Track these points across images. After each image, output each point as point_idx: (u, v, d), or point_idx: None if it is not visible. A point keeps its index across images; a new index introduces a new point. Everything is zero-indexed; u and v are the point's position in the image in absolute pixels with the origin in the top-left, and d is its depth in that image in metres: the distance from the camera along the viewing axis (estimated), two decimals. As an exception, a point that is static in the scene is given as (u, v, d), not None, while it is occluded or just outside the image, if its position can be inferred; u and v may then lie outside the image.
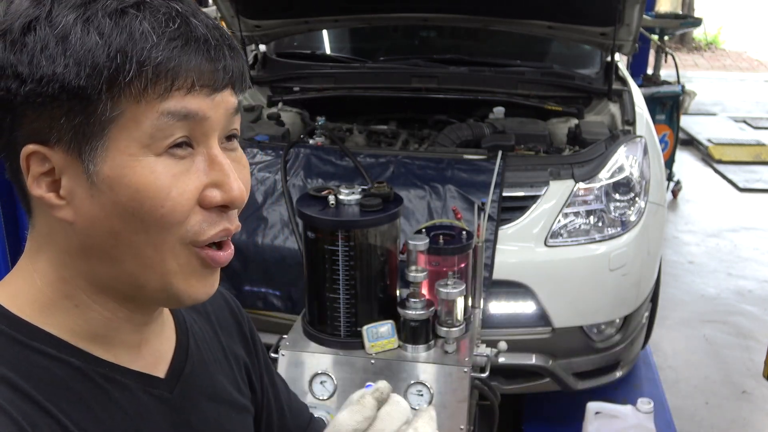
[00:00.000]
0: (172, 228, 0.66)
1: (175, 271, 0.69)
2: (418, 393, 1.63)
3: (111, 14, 0.63)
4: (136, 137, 0.64)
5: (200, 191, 0.67)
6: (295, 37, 3.89)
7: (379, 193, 1.68)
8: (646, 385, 3.08)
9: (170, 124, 0.64)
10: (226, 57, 0.67)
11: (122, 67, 0.62)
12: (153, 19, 0.63)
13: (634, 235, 2.53)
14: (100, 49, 0.62)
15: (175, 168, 0.66)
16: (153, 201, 0.65)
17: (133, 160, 0.64)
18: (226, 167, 0.68)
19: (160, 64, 0.63)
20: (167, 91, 0.64)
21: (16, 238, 2.95)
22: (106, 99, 0.63)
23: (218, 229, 0.69)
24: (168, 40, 0.63)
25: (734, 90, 10.06)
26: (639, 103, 3.19)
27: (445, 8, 3.34)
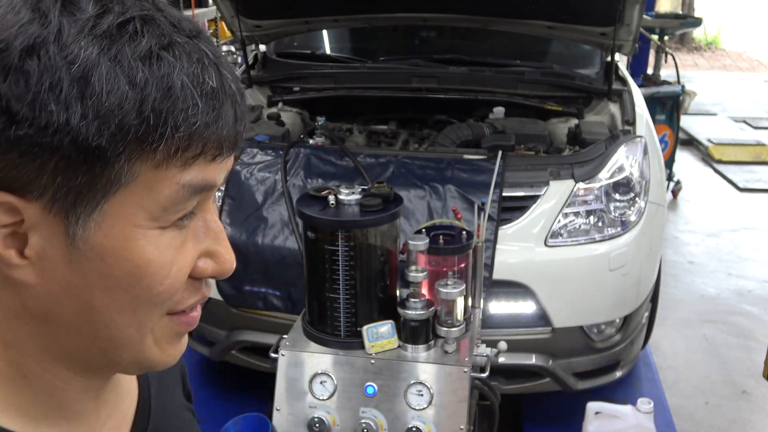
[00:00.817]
0: (162, 304, 0.58)
1: (151, 345, 0.60)
2: (418, 393, 1.63)
3: (144, 57, 0.50)
4: (146, 207, 0.53)
5: (195, 260, 0.58)
6: (295, 37, 3.89)
7: (379, 193, 1.68)
8: (646, 385, 3.08)
9: (187, 196, 0.55)
10: (245, 114, 0.58)
11: (154, 131, 0.51)
12: (189, 69, 0.52)
13: (634, 235, 2.53)
14: (130, 105, 0.49)
15: (178, 240, 0.56)
16: (153, 279, 0.55)
17: (136, 232, 0.54)
18: (221, 234, 0.60)
19: (196, 131, 0.52)
20: (195, 159, 0.54)
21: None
22: (123, 163, 0.51)
23: (197, 297, 0.61)
24: (207, 100, 0.52)
25: (734, 90, 10.06)
26: (639, 103, 3.19)
27: (445, 8, 3.34)
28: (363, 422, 1.64)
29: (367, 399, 1.65)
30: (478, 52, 3.75)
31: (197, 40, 0.54)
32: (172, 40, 0.52)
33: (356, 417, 1.65)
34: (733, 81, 10.75)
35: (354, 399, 1.66)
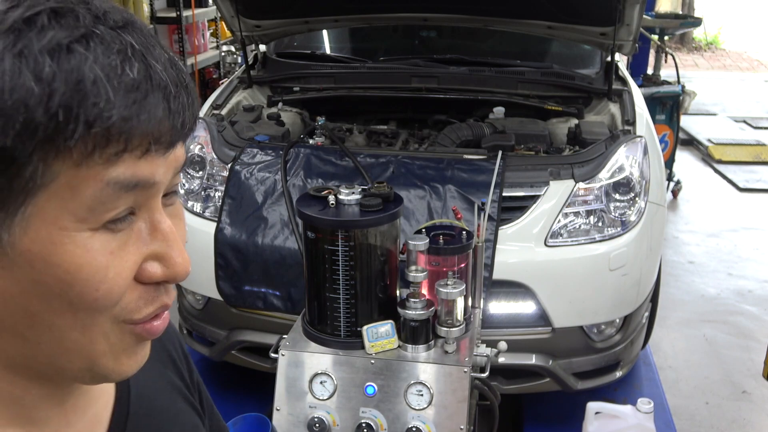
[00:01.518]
0: (105, 310, 0.54)
1: (104, 351, 0.57)
2: (418, 393, 1.63)
3: (52, 50, 0.47)
4: (70, 209, 0.50)
5: (139, 264, 0.55)
6: (295, 37, 3.89)
7: (379, 193, 1.68)
8: (646, 385, 3.08)
9: (115, 195, 0.51)
10: (185, 106, 0.54)
11: (65, 128, 0.47)
12: (106, 61, 0.49)
13: (634, 235, 2.53)
14: (36, 101, 0.47)
15: (113, 243, 0.53)
16: (86, 284, 0.52)
17: (63, 236, 0.51)
18: (171, 236, 0.56)
19: (113, 125, 0.49)
20: (119, 156, 0.50)
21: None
22: (37, 162, 0.48)
23: (156, 306, 0.58)
24: (125, 92, 0.49)
25: (734, 90, 10.06)
26: (639, 103, 3.19)
27: (445, 8, 3.34)
28: (363, 422, 1.64)
29: (367, 399, 1.65)
30: (478, 52, 3.75)
31: (123, 30, 0.51)
32: (89, 32, 0.49)
33: (356, 417, 1.65)
34: (733, 81, 10.75)
35: (354, 399, 1.66)
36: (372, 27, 3.82)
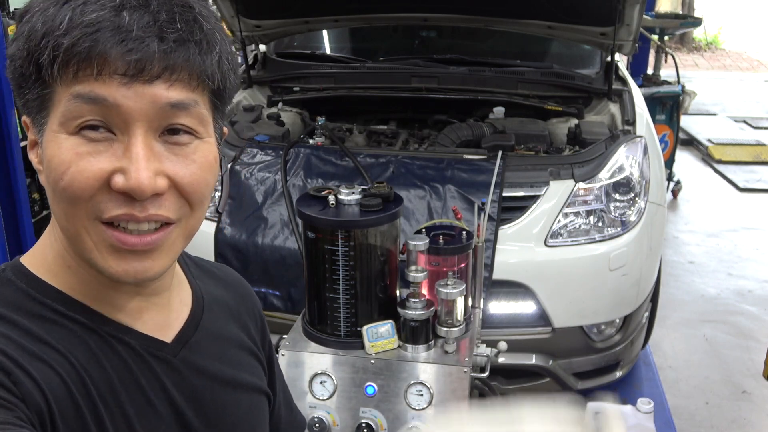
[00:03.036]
0: (77, 202, 0.70)
1: (91, 248, 0.72)
2: (418, 393, 1.63)
3: (58, 2, 0.68)
4: (57, 116, 0.69)
5: (108, 173, 0.69)
6: (295, 37, 3.89)
7: (379, 193, 1.68)
8: (646, 385, 3.08)
9: (79, 106, 0.68)
10: (148, 48, 0.67)
11: (42, 51, 0.67)
12: (82, 9, 0.67)
13: (634, 235, 2.52)
14: (35, 34, 0.67)
15: (82, 147, 0.69)
16: (56, 172, 0.69)
17: (52, 136, 0.70)
18: (135, 156, 0.69)
19: (67, 50, 0.66)
20: (75, 76, 0.67)
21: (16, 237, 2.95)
22: (36, 80, 0.69)
23: (120, 211, 0.70)
24: (82, 27, 0.66)
25: (734, 90, 10.06)
26: (639, 103, 3.19)
27: (445, 8, 3.34)
28: (363, 422, 1.64)
29: (367, 399, 1.65)
30: (478, 52, 3.75)
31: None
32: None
33: (356, 417, 1.65)
34: (733, 81, 10.75)
35: (354, 399, 1.66)
36: (372, 27, 3.82)
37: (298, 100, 3.38)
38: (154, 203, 0.71)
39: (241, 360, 0.92)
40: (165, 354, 0.80)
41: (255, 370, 0.95)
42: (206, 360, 0.85)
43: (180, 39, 0.68)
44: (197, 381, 0.83)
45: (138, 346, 0.78)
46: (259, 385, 0.94)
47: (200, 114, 0.73)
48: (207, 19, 0.72)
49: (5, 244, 2.82)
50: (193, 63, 0.70)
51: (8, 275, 0.76)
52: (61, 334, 0.73)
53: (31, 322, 0.72)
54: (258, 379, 0.95)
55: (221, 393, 0.86)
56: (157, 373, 0.79)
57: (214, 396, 0.85)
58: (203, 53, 0.70)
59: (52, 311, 0.74)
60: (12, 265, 0.78)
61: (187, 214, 0.75)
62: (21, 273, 0.76)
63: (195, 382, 0.83)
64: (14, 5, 3.44)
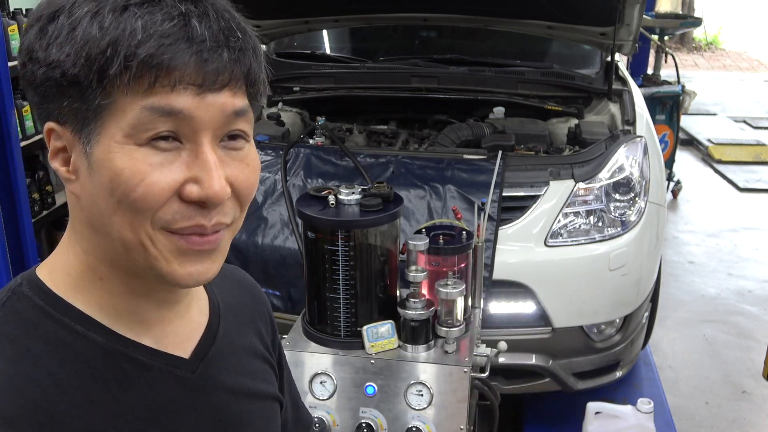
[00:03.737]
0: (144, 213, 0.69)
1: (156, 255, 0.71)
2: (418, 393, 1.63)
3: (114, 10, 0.66)
4: (122, 126, 0.67)
5: (180, 184, 0.69)
6: (295, 37, 3.89)
7: (379, 193, 1.68)
8: (646, 385, 3.08)
9: (152, 118, 0.67)
10: (221, 58, 0.68)
11: (111, 60, 0.65)
12: (150, 18, 0.66)
13: (634, 235, 2.52)
14: (95, 42, 0.65)
15: (155, 158, 0.68)
16: (127, 185, 0.67)
17: (117, 147, 0.67)
18: (210, 164, 0.69)
19: (144, 61, 0.65)
20: (151, 87, 0.66)
21: (16, 238, 2.95)
22: (97, 88, 0.66)
23: (191, 223, 0.71)
24: (158, 38, 0.65)
25: (734, 90, 10.06)
26: (639, 103, 3.19)
27: (445, 8, 3.34)
28: (363, 422, 1.64)
29: (367, 399, 1.65)
30: (478, 52, 3.74)
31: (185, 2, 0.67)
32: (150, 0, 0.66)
33: (356, 417, 1.65)
34: (733, 81, 10.75)
35: (354, 399, 1.66)
36: (372, 27, 3.82)
37: (298, 100, 3.38)
38: (219, 210, 0.72)
39: (255, 368, 0.92)
40: (183, 372, 0.80)
41: (268, 377, 0.95)
42: (223, 373, 0.85)
43: (242, 47, 0.70)
44: (214, 397, 0.83)
45: (156, 367, 0.77)
46: (273, 392, 0.95)
47: (251, 118, 0.74)
48: (248, 26, 0.74)
49: (5, 244, 2.82)
50: (251, 71, 0.71)
51: (25, 291, 0.75)
52: (75, 367, 0.72)
53: (44, 347, 0.71)
54: (271, 385, 0.95)
55: (238, 406, 0.86)
56: (176, 397, 0.79)
57: (231, 410, 0.85)
58: (257, 61, 0.72)
59: (69, 332, 0.73)
60: (29, 279, 0.76)
61: (238, 216, 0.76)
62: (39, 289, 0.75)
63: (212, 398, 0.83)
64: (14, 5, 3.43)
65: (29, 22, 0.71)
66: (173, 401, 0.78)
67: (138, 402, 0.75)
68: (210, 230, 0.72)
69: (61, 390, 0.71)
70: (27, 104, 3.40)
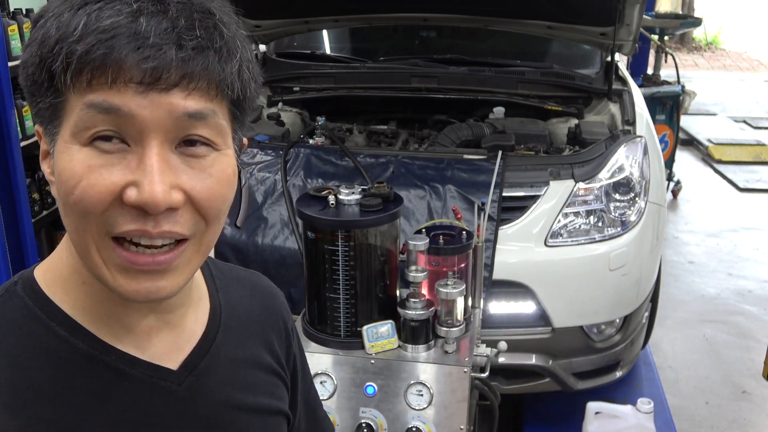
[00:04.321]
0: (87, 216, 0.66)
1: (100, 264, 0.68)
2: (418, 393, 1.63)
3: (72, 8, 0.65)
4: (70, 126, 0.66)
5: (120, 187, 0.65)
6: (295, 37, 3.89)
7: (379, 193, 1.68)
8: (646, 385, 3.08)
9: (92, 115, 0.65)
10: (165, 56, 0.64)
11: (55, 58, 0.64)
12: (98, 14, 0.64)
13: (634, 235, 2.52)
14: (48, 40, 0.65)
15: (95, 160, 0.65)
16: (66, 186, 0.66)
17: (63, 147, 0.67)
18: (150, 167, 0.65)
19: (80, 57, 0.63)
20: (89, 84, 0.64)
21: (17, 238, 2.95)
22: (49, 87, 0.66)
23: (133, 227, 0.67)
24: (96, 34, 0.63)
25: (734, 90, 10.06)
26: (639, 103, 3.19)
27: (445, 8, 3.34)
28: (363, 422, 1.64)
29: (367, 399, 1.65)
30: (478, 52, 3.74)
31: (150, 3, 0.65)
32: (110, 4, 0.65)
33: (356, 417, 1.65)
34: (733, 81, 10.75)
35: (354, 399, 1.66)
36: (372, 27, 3.82)
37: (298, 100, 3.38)
38: (169, 219, 0.67)
39: (258, 381, 0.88)
40: (169, 383, 0.76)
41: (274, 390, 0.90)
42: (216, 386, 0.81)
43: (199, 46, 0.65)
44: (204, 410, 0.79)
45: (141, 377, 0.74)
46: (277, 407, 0.90)
47: (218, 125, 0.69)
48: (228, 26, 0.69)
49: (5, 244, 2.82)
50: (212, 71, 0.66)
51: (18, 290, 0.74)
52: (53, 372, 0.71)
53: (25, 350, 0.70)
54: (276, 399, 0.90)
55: (231, 420, 0.82)
56: (160, 410, 0.76)
57: (223, 424, 0.82)
58: (223, 61, 0.67)
59: (52, 336, 0.71)
60: (24, 279, 0.75)
61: (202, 230, 0.71)
62: (32, 289, 0.74)
63: (202, 411, 0.79)
64: (14, 5, 3.43)
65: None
66: (155, 413, 0.75)
67: (117, 413, 0.73)
68: (156, 237, 0.67)
69: (36, 394, 0.69)
70: (27, 104, 3.41)
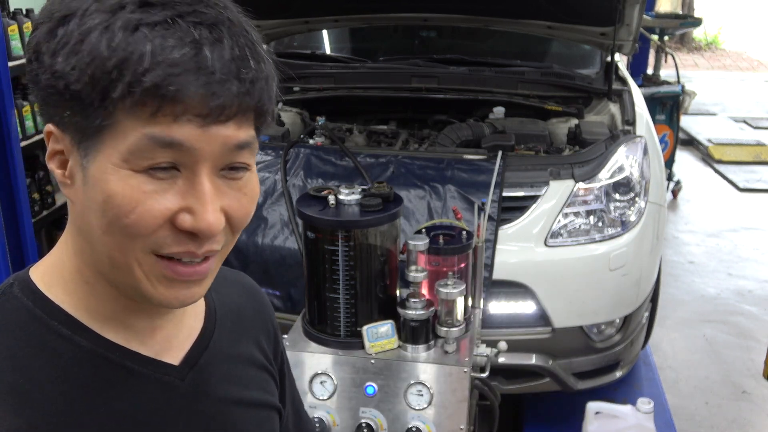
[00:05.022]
0: (136, 237, 0.67)
1: (141, 277, 0.70)
2: (418, 393, 1.63)
3: (126, 28, 0.63)
4: (120, 149, 0.65)
5: (173, 212, 0.67)
6: (295, 37, 3.89)
7: (379, 193, 1.68)
8: (646, 385, 3.08)
9: (152, 147, 0.64)
10: (230, 91, 0.65)
11: (115, 84, 0.62)
12: (161, 42, 0.63)
13: (634, 235, 2.52)
14: (102, 61, 0.62)
15: (149, 186, 0.66)
16: (119, 210, 0.66)
17: (113, 169, 0.66)
18: (205, 196, 0.67)
19: (149, 89, 0.62)
20: (153, 116, 0.63)
21: (17, 238, 2.95)
22: (99, 108, 0.64)
23: (181, 249, 0.69)
24: (166, 66, 0.62)
25: (734, 90, 10.07)
26: (639, 103, 3.19)
27: (445, 8, 3.34)
28: (363, 422, 1.64)
29: (367, 399, 1.65)
30: (478, 52, 3.74)
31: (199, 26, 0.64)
32: (163, 20, 0.63)
33: (356, 417, 1.65)
34: (733, 81, 10.76)
35: (354, 399, 1.66)
36: (372, 27, 3.82)
37: (298, 100, 3.38)
38: (211, 239, 0.70)
39: (251, 377, 0.90)
40: (172, 378, 0.78)
41: (266, 386, 0.93)
42: (215, 382, 0.83)
43: (254, 78, 0.66)
44: (204, 405, 0.81)
45: (143, 373, 0.76)
46: (270, 402, 0.92)
47: (255, 148, 0.72)
48: (260, 43, 0.70)
49: (5, 244, 2.82)
50: (262, 103, 0.68)
51: (15, 292, 0.74)
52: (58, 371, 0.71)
53: (28, 351, 0.70)
54: (269, 394, 0.93)
55: (229, 415, 0.84)
56: (162, 405, 0.77)
57: (221, 419, 0.83)
58: (269, 91, 0.69)
59: (55, 335, 0.72)
60: (20, 280, 0.75)
61: (229, 241, 0.74)
62: (29, 290, 0.74)
63: (201, 407, 0.81)
64: (14, 5, 3.43)
65: (40, 17, 0.68)
66: (160, 409, 0.77)
67: (122, 409, 0.74)
68: (200, 257, 0.70)
69: (42, 395, 0.69)
70: (27, 104, 3.40)
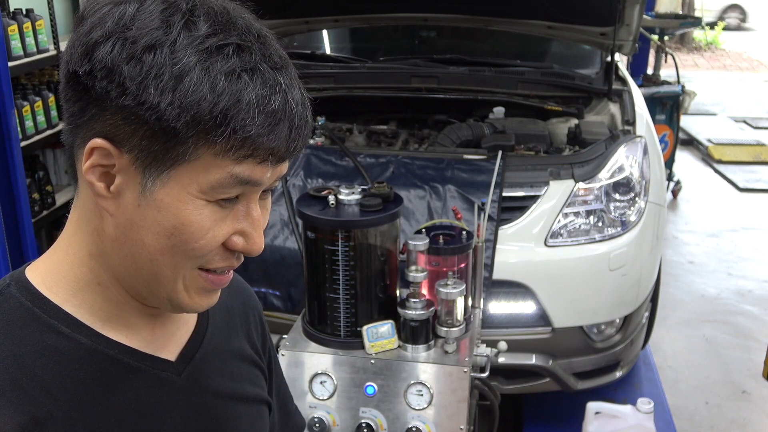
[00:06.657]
0: (194, 258, 0.73)
1: (181, 289, 0.75)
2: (418, 393, 1.63)
3: (228, 73, 0.66)
4: (199, 182, 0.69)
5: (229, 235, 0.73)
6: (295, 37, 3.89)
7: (379, 193, 1.68)
8: (646, 385, 3.08)
9: (232, 184, 0.70)
10: (303, 136, 0.72)
11: (218, 128, 0.66)
12: (261, 90, 0.67)
13: (634, 235, 2.52)
14: (207, 104, 0.65)
15: (218, 214, 0.72)
16: (190, 236, 0.71)
17: (188, 198, 0.70)
18: (257, 222, 0.74)
19: (251, 138, 0.67)
20: (245, 159, 0.69)
21: (17, 238, 2.95)
22: (190, 145, 0.67)
23: (225, 264, 0.76)
24: (266, 116, 0.67)
25: (734, 90, 10.06)
26: (639, 103, 3.19)
27: (445, 8, 3.34)
28: (363, 422, 1.64)
29: (367, 399, 1.65)
30: (478, 52, 3.75)
31: (278, 71, 0.70)
32: (255, 67, 0.67)
33: (356, 417, 1.65)
34: (733, 81, 10.75)
35: (354, 399, 1.66)
36: (372, 27, 3.82)
37: (298, 100, 3.37)
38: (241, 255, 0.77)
39: (243, 371, 0.93)
40: (169, 374, 0.81)
41: (256, 380, 0.95)
42: (209, 376, 0.86)
43: (308, 120, 0.73)
44: (200, 399, 0.84)
45: (142, 369, 0.78)
46: (261, 395, 0.95)
47: None
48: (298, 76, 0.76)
49: (5, 244, 2.82)
50: (306, 143, 0.75)
51: (13, 292, 0.75)
52: (60, 369, 0.72)
53: (29, 349, 0.72)
54: (259, 388, 0.95)
55: (224, 408, 0.87)
56: (161, 399, 0.79)
57: (217, 412, 0.86)
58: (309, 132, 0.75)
59: (55, 334, 0.73)
60: (17, 280, 0.76)
61: None
62: (27, 290, 0.75)
63: (197, 401, 0.83)
64: (14, 5, 3.43)
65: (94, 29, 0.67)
66: (159, 404, 0.79)
67: (123, 405, 0.76)
68: (235, 267, 0.78)
69: (45, 393, 0.71)
70: (27, 104, 3.40)
